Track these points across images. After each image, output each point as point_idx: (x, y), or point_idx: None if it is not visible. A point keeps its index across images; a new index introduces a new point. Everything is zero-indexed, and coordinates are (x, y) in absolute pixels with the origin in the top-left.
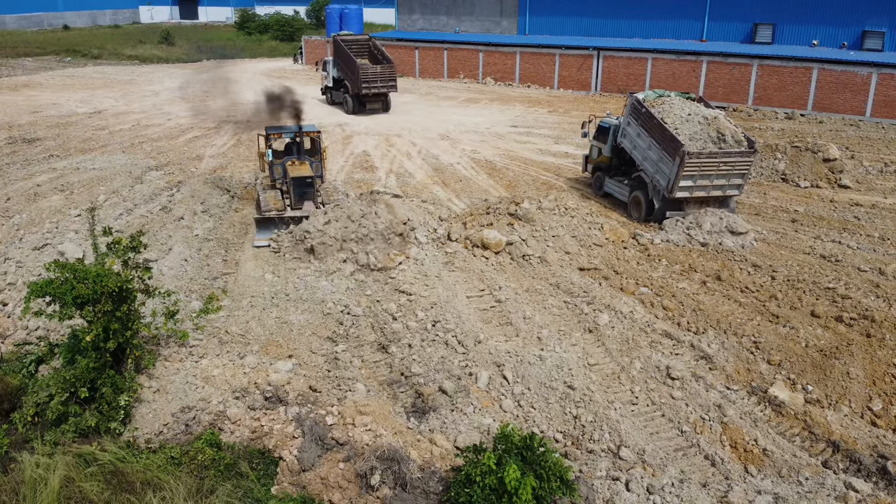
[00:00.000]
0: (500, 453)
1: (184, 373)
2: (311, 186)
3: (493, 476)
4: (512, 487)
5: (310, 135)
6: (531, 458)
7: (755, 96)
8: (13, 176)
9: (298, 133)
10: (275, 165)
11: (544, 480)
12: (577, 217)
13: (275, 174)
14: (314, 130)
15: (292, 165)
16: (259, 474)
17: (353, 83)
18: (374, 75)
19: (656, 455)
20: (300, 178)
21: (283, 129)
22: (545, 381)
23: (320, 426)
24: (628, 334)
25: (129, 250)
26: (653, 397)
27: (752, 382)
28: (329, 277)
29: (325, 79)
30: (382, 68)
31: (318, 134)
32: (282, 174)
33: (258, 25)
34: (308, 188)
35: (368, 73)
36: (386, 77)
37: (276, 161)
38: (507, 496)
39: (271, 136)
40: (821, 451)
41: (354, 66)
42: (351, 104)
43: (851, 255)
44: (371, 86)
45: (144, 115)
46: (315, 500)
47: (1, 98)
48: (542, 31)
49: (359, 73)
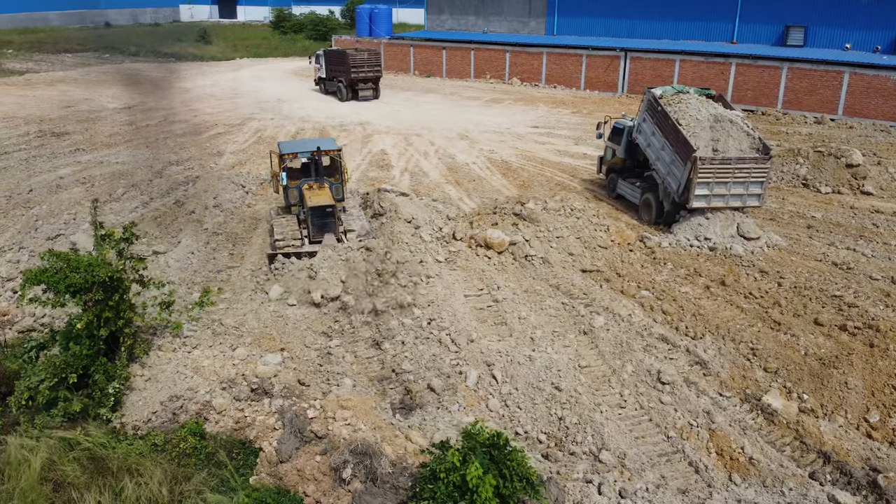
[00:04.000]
0: (465, 451)
1: (175, 362)
2: (332, 216)
3: (457, 473)
4: (473, 485)
5: (329, 153)
6: (498, 457)
7: (784, 100)
8: (39, 168)
9: (316, 152)
10: (290, 189)
11: (508, 480)
12: (582, 218)
13: (290, 199)
14: (334, 148)
15: (310, 190)
16: (239, 464)
17: (345, 72)
18: (362, 61)
19: (638, 459)
20: (320, 207)
21: (299, 148)
22: (533, 381)
23: (300, 419)
24: (623, 337)
25: (122, 241)
26: (641, 401)
27: (746, 389)
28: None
29: (319, 70)
30: (369, 54)
31: (339, 152)
32: (298, 199)
33: (293, 25)
34: (328, 218)
35: (357, 59)
36: (372, 62)
37: (291, 184)
38: (469, 494)
39: (286, 156)
40: (811, 462)
41: (345, 56)
42: (344, 92)
43: (865, 263)
44: (359, 70)
45: (171, 111)
46: (290, 492)
47: (36, 93)
48: (571, 32)
49: (348, 61)
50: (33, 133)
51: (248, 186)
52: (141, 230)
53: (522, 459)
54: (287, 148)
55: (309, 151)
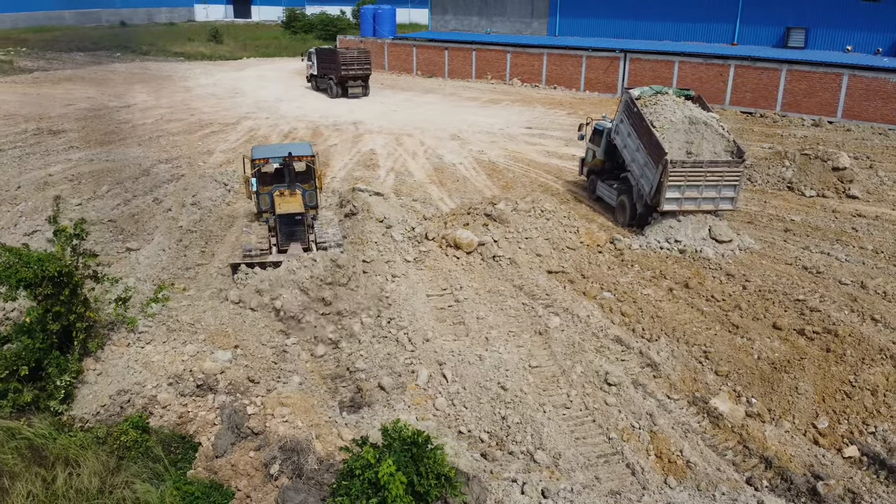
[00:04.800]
0: (380, 448)
1: (126, 357)
2: (301, 224)
3: (371, 470)
4: (384, 482)
5: (302, 159)
6: (417, 454)
7: (783, 102)
8: (30, 165)
9: (288, 157)
10: (261, 195)
11: (423, 477)
12: (552, 220)
13: (262, 205)
14: (307, 154)
15: (281, 196)
16: (177, 458)
17: (335, 70)
18: (352, 59)
19: (575, 460)
20: (289, 215)
21: (271, 154)
22: (481, 381)
23: (239, 415)
24: (576, 338)
25: (73, 237)
26: (587, 402)
27: (695, 392)
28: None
29: (311, 68)
30: (359, 52)
31: (313, 158)
32: (269, 205)
33: (303, 25)
34: (297, 226)
35: (347, 57)
36: (362, 60)
37: (262, 190)
38: (382, 490)
39: (257, 161)
40: (752, 467)
41: (335, 55)
42: (335, 89)
43: (837, 268)
44: (349, 68)
45: (170, 110)
46: (223, 486)
47: (41, 91)
48: (573, 33)
49: (338, 59)
50: (31, 131)
51: (231, 185)
52: (117, 227)
53: (441, 457)
54: (259, 153)
55: (280, 157)
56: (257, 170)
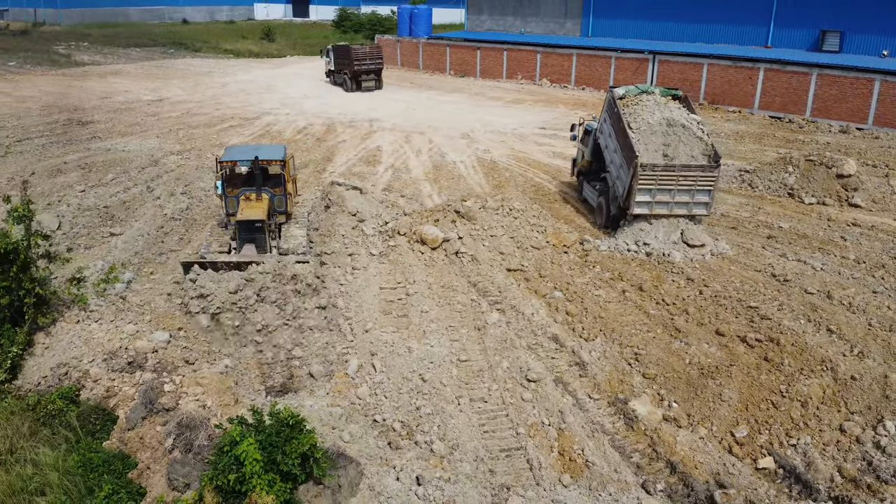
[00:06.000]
0: (249, 427)
1: (72, 333)
2: (262, 231)
3: (238, 447)
4: (242, 459)
5: (269, 163)
6: (289, 434)
7: (813, 107)
8: (50, 153)
9: (255, 161)
10: (229, 198)
11: (287, 456)
12: (520, 219)
13: (229, 208)
14: (276, 158)
15: (246, 201)
16: (97, 428)
17: (349, 65)
18: (364, 54)
19: (474, 452)
20: (248, 221)
21: (240, 156)
22: (405, 372)
23: (155, 392)
24: (510, 334)
25: (22, 218)
26: (505, 397)
27: (618, 394)
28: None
29: (329, 64)
30: (371, 48)
31: (282, 163)
32: (236, 209)
33: (353, 24)
34: (257, 233)
35: (359, 52)
36: (374, 56)
37: (230, 193)
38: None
39: (224, 163)
40: (656, 471)
41: (349, 51)
42: (349, 83)
43: (809, 276)
44: (362, 63)
45: (199, 104)
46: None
47: (85, 84)
48: (606, 34)
49: (352, 55)
50: (62, 121)
51: None
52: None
53: (308, 439)
54: (229, 155)
55: (247, 160)
56: (224, 172)
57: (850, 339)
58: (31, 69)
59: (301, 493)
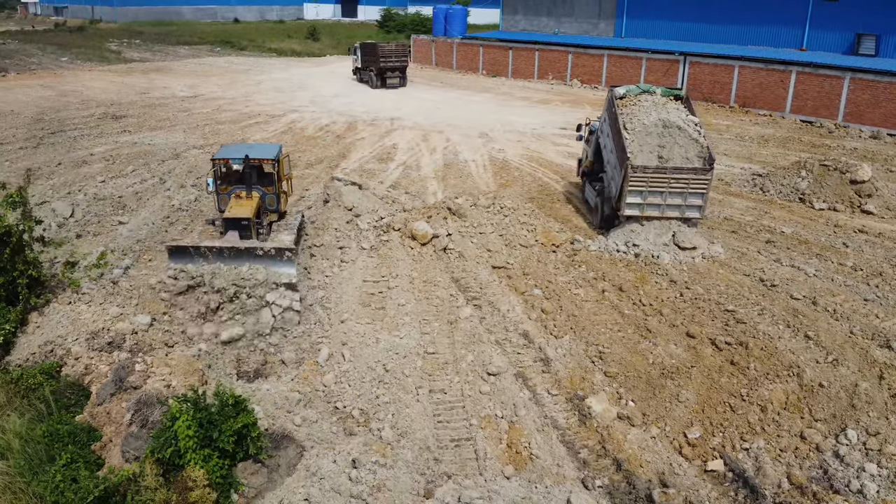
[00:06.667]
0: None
1: (62, 314)
2: (247, 230)
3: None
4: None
5: (261, 162)
6: (228, 412)
7: (846, 112)
8: (80, 145)
9: (246, 160)
10: (221, 195)
11: (223, 433)
12: (510, 217)
13: (221, 205)
14: (268, 157)
15: (236, 199)
16: (72, 402)
17: (375, 62)
18: (390, 52)
19: (423, 441)
20: (234, 219)
21: (232, 154)
22: (370, 362)
23: (126, 371)
24: (480, 329)
25: (14, 203)
26: (465, 390)
27: (578, 390)
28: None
29: (356, 61)
30: (396, 45)
31: (274, 162)
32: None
33: (397, 24)
34: (243, 231)
35: (385, 50)
36: (399, 53)
37: (222, 190)
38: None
39: (216, 161)
40: (602, 468)
41: (375, 48)
42: (374, 80)
43: (800, 282)
44: (388, 60)
45: (230, 101)
46: (96, 430)
47: (127, 80)
48: (640, 35)
49: (378, 52)
50: (98, 115)
51: None
52: (120, 203)
53: (246, 419)
54: (223, 153)
55: (239, 159)
56: (216, 169)
57: (827, 346)
58: (81, 65)
59: (239, 471)
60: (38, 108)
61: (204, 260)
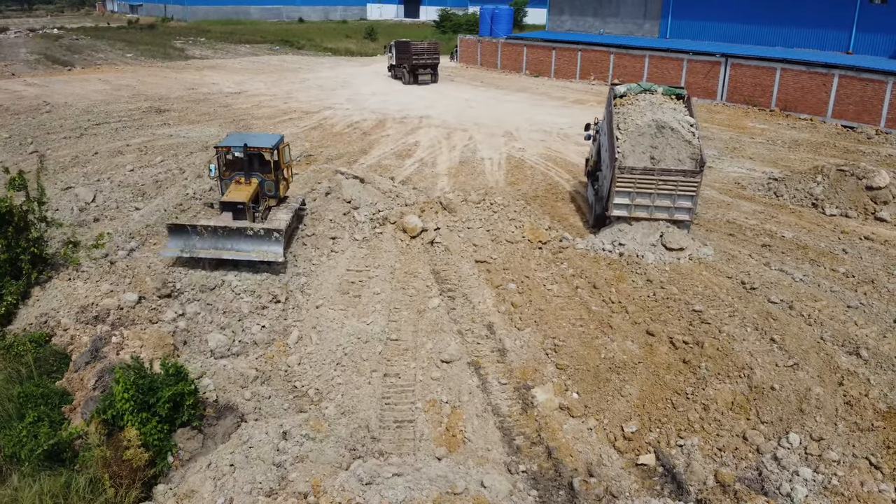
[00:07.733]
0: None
1: (59, 289)
2: (242, 213)
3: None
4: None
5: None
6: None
7: (888, 118)
8: (120, 136)
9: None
10: (223, 181)
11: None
12: (499, 213)
13: (224, 190)
14: (266, 146)
15: (236, 185)
16: (53, 369)
17: (408, 59)
18: (422, 49)
19: (365, 420)
20: (230, 203)
21: (234, 143)
22: (332, 345)
23: (102, 342)
24: (444, 319)
25: (18, 186)
26: (418, 375)
27: (527, 381)
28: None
29: (391, 59)
30: (428, 44)
31: (272, 150)
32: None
33: (452, 24)
34: (239, 215)
35: (418, 48)
36: (431, 51)
37: (224, 176)
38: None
39: (220, 149)
40: (534, 455)
41: (409, 46)
42: (407, 76)
43: (782, 287)
44: (420, 58)
45: (272, 97)
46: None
47: (180, 75)
48: (685, 35)
49: (411, 49)
50: (144, 108)
51: None
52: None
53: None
54: (227, 141)
55: (239, 147)
56: (220, 156)
57: (790, 350)
58: (144, 61)
59: (177, 436)
60: (90, 101)
61: (199, 238)
